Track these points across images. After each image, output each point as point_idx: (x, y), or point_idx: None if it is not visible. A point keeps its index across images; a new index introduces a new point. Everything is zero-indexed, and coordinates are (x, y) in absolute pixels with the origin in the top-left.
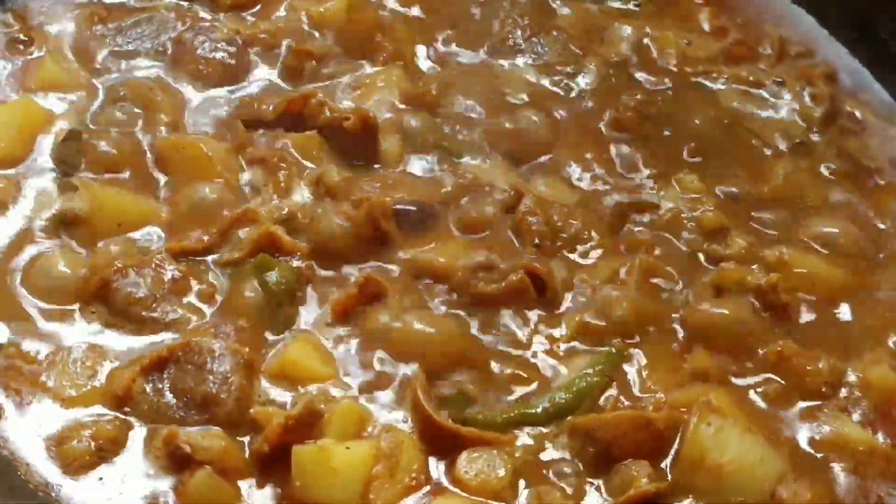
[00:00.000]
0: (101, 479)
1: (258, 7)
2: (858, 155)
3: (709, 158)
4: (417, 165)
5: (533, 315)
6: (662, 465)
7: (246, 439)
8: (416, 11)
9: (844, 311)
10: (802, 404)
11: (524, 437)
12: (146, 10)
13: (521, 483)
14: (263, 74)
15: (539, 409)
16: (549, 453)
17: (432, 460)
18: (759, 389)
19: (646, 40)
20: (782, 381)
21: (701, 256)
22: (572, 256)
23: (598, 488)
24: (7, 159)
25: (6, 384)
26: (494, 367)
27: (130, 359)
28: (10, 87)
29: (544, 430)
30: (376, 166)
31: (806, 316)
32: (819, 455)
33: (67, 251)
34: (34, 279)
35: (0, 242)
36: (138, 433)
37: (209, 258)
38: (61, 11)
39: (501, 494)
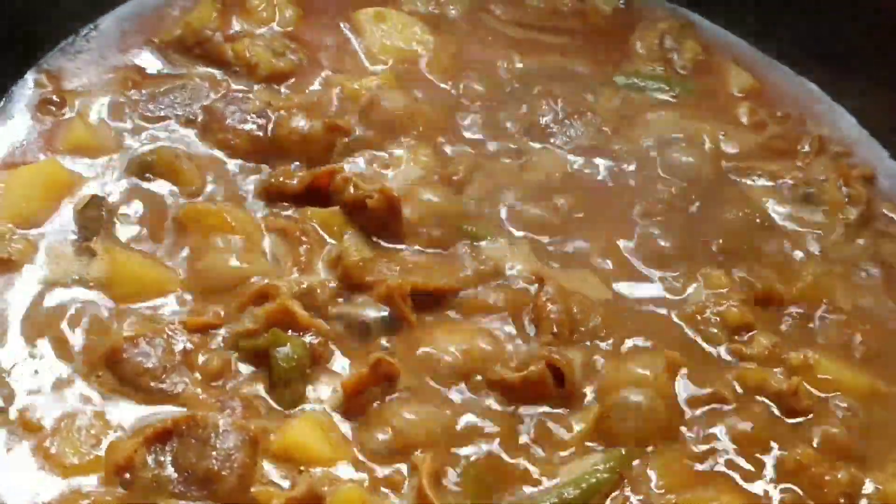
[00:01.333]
0: None
1: (292, 80)
2: (892, 259)
3: (737, 255)
4: (438, 248)
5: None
6: None
7: None
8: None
9: (867, 419)
10: None
11: None
12: (181, 78)
13: None
14: (292, 148)
15: None
16: None
17: None
18: (774, 497)
19: (680, 132)
20: (799, 490)
21: (723, 353)
22: (594, 352)
23: None
24: (29, 220)
25: (8, 447)
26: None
27: (134, 429)
28: (38, 147)
29: None
30: (398, 247)
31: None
32: None
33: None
34: None
35: (13, 302)
36: None
37: (223, 330)
38: (96, 74)
39: None
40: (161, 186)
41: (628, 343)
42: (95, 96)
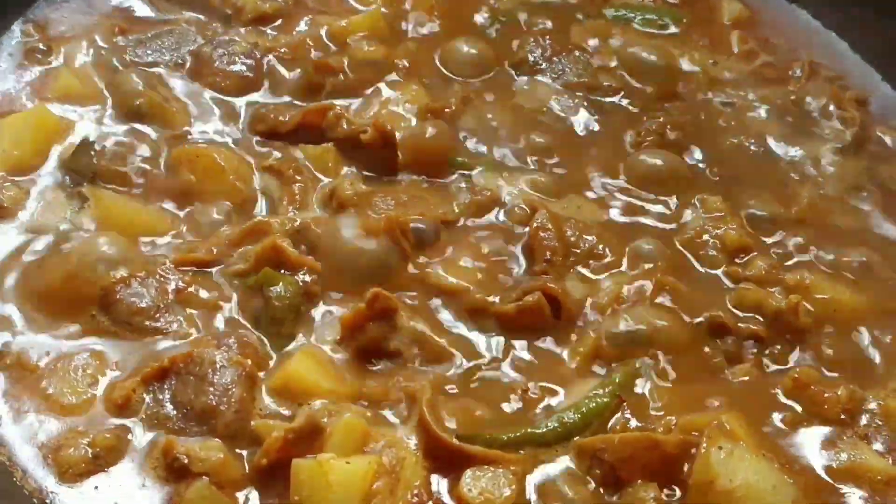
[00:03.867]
0: (96, 487)
1: (279, 21)
2: (890, 182)
3: (733, 180)
4: (434, 180)
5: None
6: (672, 488)
7: (245, 452)
8: (435, 28)
9: (867, 338)
10: (820, 431)
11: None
12: (167, 24)
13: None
14: (282, 87)
15: (546, 429)
16: (556, 475)
17: (434, 477)
18: (775, 415)
19: (672, 63)
20: (799, 408)
21: (722, 276)
22: (586, 273)
23: None
24: (20, 167)
25: (5, 390)
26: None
27: (131, 368)
28: (26, 96)
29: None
30: (395, 178)
31: (826, 342)
32: (836, 483)
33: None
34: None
35: (5, 248)
36: (136, 443)
37: (215, 269)
38: (82, 23)
39: None
40: (151, 130)
41: (629, 264)
42: (82, 44)
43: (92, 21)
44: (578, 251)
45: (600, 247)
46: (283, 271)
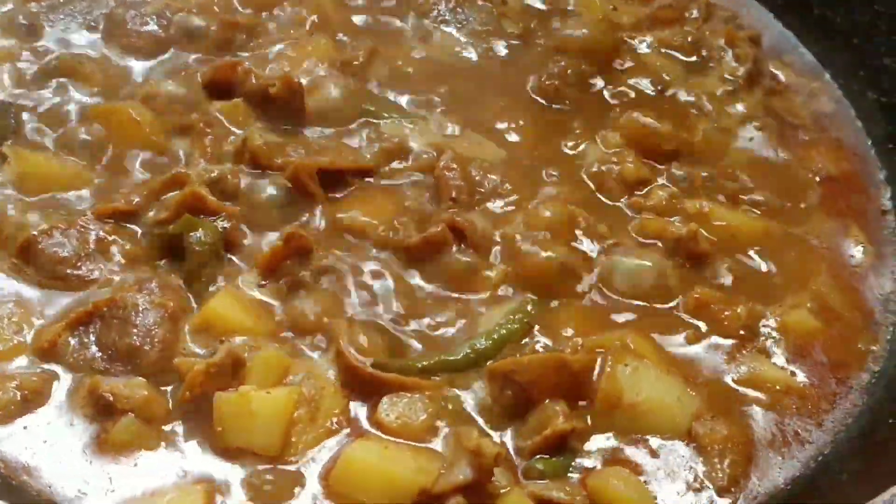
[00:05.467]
0: (25, 427)
1: None
2: (783, 113)
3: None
4: (343, 129)
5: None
6: (580, 405)
7: (169, 389)
8: None
9: (764, 261)
10: (720, 346)
11: (445, 382)
12: None
13: (441, 425)
14: (193, 46)
15: (459, 356)
16: (469, 398)
17: (354, 405)
18: (677, 333)
19: (572, 7)
20: (701, 326)
21: (623, 207)
22: (492, 209)
23: (516, 430)
24: None
25: None
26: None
27: (56, 315)
28: None
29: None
30: (304, 131)
31: (726, 266)
32: (737, 393)
33: None
34: None
35: None
36: (63, 384)
37: (135, 219)
38: None
39: (422, 437)
40: (66, 90)
41: (533, 199)
42: None
43: None
44: (483, 190)
45: (506, 186)
46: (202, 217)
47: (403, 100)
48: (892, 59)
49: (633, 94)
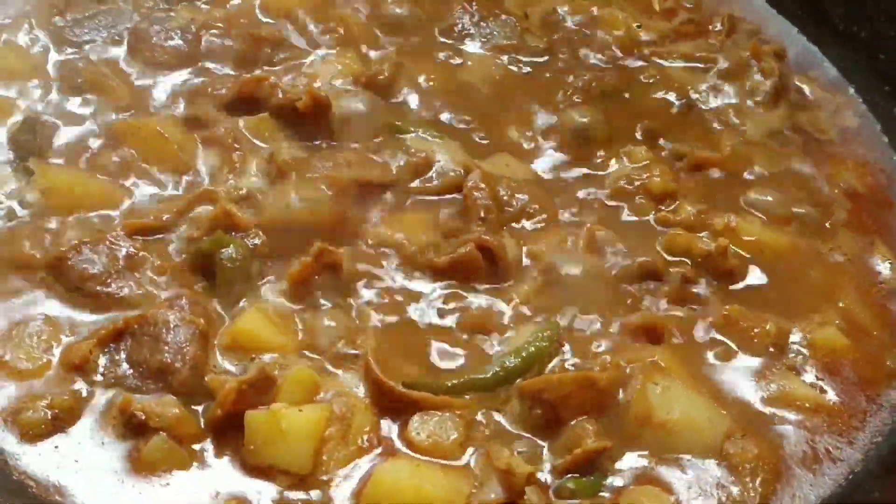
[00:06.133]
0: (56, 447)
1: None
2: (809, 128)
3: (659, 133)
4: (370, 144)
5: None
6: (610, 424)
7: (200, 408)
8: None
9: (792, 276)
10: (750, 364)
11: (475, 402)
12: (103, 3)
13: (472, 446)
14: (218, 60)
15: (489, 374)
16: (500, 416)
17: (384, 423)
18: (707, 351)
19: (595, 23)
20: (731, 343)
21: (652, 222)
22: (520, 228)
23: (547, 448)
24: None
25: None
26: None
27: (86, 332)
28: None
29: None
30: (332, 144)
31: (754, 281)
32: (767, 412)
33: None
34: None
35: None
36: (94, 403)
37: (166, 236)
38: (19, 3)
39: (453, 455)
40: (92, 104)
41: (561, 217)
42: (21, 24)
43: (31, 3)
44: (511, 209)
45: (534, 206)
46: (232, 234)
47: (428, 114)
48: None
49: (658, 109)
